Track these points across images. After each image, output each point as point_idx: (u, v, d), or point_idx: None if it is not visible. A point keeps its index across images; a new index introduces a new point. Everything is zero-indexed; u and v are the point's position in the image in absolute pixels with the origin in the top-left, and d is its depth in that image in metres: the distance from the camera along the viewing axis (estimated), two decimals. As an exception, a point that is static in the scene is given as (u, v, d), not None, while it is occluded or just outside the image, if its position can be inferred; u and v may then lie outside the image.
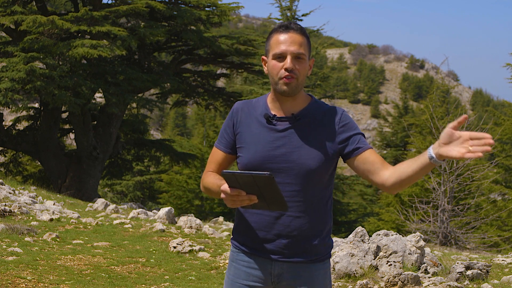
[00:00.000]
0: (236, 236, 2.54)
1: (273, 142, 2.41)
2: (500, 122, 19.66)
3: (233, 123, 2.51)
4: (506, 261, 7.83)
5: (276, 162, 2.39)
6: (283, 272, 2.44)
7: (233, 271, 2.52)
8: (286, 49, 2.37)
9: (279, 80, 2.39)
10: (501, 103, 55.66)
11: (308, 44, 2.44)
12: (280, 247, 2.41)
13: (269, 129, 2.43)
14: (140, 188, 28.77)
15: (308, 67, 2.44)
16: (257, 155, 2.41)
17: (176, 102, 22.30)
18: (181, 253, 7.43)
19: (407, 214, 14.44)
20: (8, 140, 17.80)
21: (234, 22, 50.52)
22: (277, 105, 2.45)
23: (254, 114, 2.48)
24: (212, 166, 2.55)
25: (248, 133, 2.46)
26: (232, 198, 2.19)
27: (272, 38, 2.43)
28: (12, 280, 5.45)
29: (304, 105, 2.47)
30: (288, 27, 2.41)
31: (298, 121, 2.43)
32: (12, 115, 24.25)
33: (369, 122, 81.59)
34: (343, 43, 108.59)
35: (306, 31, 2.39)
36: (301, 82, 2.41)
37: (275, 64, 2.39)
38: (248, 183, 2.14)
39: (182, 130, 57.73)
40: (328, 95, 25.21)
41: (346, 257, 6.18)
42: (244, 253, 2.49)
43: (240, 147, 2.47)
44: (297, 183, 2.37)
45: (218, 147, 2.55)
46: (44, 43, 15.09)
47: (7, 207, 8.74)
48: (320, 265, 2.48)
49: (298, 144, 2.40)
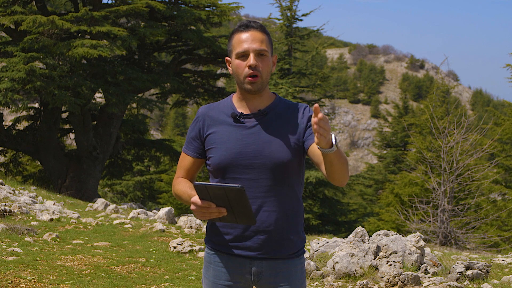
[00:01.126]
0: (211, 236, 2.55)
1: (243, 139, 2.44)
2: (500, 122, 19.66)
3: (199, 128, 2.54)
4: (506, 261, 7.83)
5: (248, 158, 2.42)
6: (262, 270, 2.46)
7: (212, 272, 2.54)
8: (248, 47, 2.42)
9: (244, 79, 2.43)
10: (501, 103, 55.66)
11: (269, 40, 2.49)
12: (259, 243, 2.43)
13: (237, 127, 2.46)
14: (140, 188, 28.75)
15: (271, 63, 2.48)
16: (228, 153, 2.44)
17: (176, 102, 22.29)
18: (181, 253, 7.43)
19: (407, 214, 14.44)
20: (8, 140, 17.79)
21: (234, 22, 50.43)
22: (244, 104, 2.50)
23: (220, 116, 2.51)
24: (182, 171, 2.58)
25: (217, 134, 2.49)
26: (202, 210, 2.24)
27: (234, 38, 2.47)
28: (12, 280, 5.45)
29: (269, 101, 2.51)
30: (248, 26, 2.46)
31: (265, 117, 2.47)
32: (12, 115, 24.24)
33: (369, 122, 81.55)
34: (343, 43, 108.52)
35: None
36: (266, 78, 2.46)
37: (239, 63, 2.44)
38: (218, 195, 2.19)
39: (182, 130, 57.69)
40: (328, 95, 25.17)
41: (346, 257, 6.18)
42: (221, 254, 2.51)
43: (210, 148, 2.50)
44: (271, 177, 2.41)
45: (186, 152, 2.58)
46: (44, 43, 15.09)
47: (7, 207, 8.74)
48: (297, 260, 2.52)
49: (268, 139, 2.43)
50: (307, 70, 21.97)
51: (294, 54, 22.42)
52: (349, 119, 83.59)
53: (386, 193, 20.76)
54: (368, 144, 75.35)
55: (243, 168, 2.42)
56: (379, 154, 31.71)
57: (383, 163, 30.00)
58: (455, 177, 13.45)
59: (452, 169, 13.39)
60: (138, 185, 28.49)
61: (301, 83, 22.88)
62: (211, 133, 2.50)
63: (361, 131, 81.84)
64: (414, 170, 18.20)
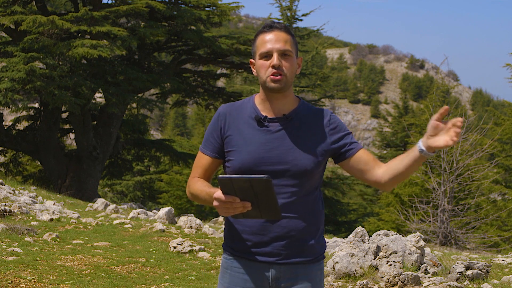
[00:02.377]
0: (229, 242, 2.49)
1: (266, 144, 2.39)
2: (500, 122, 19.67)
3: (220, 127, 2.47)
4: (506, 261, 7.83)
5: (271, 164, 2.37)
6: (280, 276, 2.42)
7: (228, 278, 2.48)
8: (272, 47, 2.38)
9: (267, 78, 2.39)
10: (501, 103, 55.66)
11: (294, 41, 2.45)
12: (278, 249, 2.39)
13: (261, 131, 2.41)
14: (140, 188, 28.76)
15: (296, 65, 2.44)
16: (251, 157, 2.38)
17: (176, 102, 22.29)
18: (181, 253, 7.43)
19: (407, 214, 14.44)
20: (8, 140, 17.80)
21: (234, 22, 50.44)
22: (267, 106, 2.44)
23: (242, 117, 2.45)
24: (198, 171, 2.51)
25: (239, 136, 2.42)
26: (226, 205, 2.16)
27: (258, 39, 2.44)
28: (12, 280, 5.45)
29: (294, 105, 2.46)
30: (272, 26, 2.43)
31: (290, 122, 2.42)
32: (12, 115, 24.23)
33: (369, 122, 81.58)
34: (343, 43, 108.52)
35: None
36: (290, 79, 2.41)
37: (262, 63, 2.40)
38: (244, 188, 2.11)
39: (182, 130, 57.74)
40: (328, 95, 25.19)
41: (346, 257, 6.18)
42: (239, 259, 2.46)
43: (230, 150, 2.43)
44: (293, 184, 2.37)
45: (204, 152, 2.50)
46: (44, 43, 15.08)
47: (7, 207, 8.74)
48: (316, 265, 2.48)
49: (292, 145, 2.39)
50: (307, 70, 21.97)
51: (294, 54, 22.41)
52: (349, 119, 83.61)
53: (386, 193, 20.77)
54: (368, 144, 75.36)
55: (264, 173, 2.35)
56: (379, 154, 31.69)
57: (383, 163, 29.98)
58: (455, 177, 13.46)
59: (452, 169, 13.39)
60: (138, 185, 28.50)
61: (301, 83, 22.88)
62: (232, 134, 2.44)
63: (361, 131, 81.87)
64: (414, 170, 18.18)
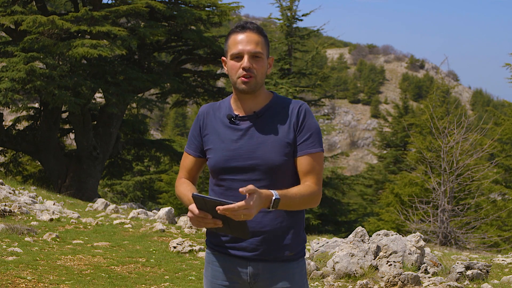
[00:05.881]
0: (210, 237, 2.56)
1: (236, 141, 2.45)
2: (500, 122, 19.66)
3: (199, 126, 2.55)
4: (506, 261, 7.83)
5: (241, 160, 2.42)
6: (258, 272, 2.45)
7: (210, 272, 2.55)
8: (243, 49, 2.42)
9: (237, 79, 2.44)
10: (501, 103, 55.65)
11: (266, 42, 2.48)
12: (255, 244, 2.43)
13: (232, 129, 2.47)
14: (140, 188, 28.75)
15: (266, 65, 2.48)
16: (222, 154, 2.45)
17: (176, 102, 22.29)
18: (181, 253, 7.43)
19: (407, 214, 14.43)
20: (8, 140, 17.80)
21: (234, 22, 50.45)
22: (239, 105, 2.50)
23: (218, 116, 2.52)
24: (184, 172, 2.60)
25: (215, 135, 2.50)
26: (198, 219, 2.26)
27: (230, 38, 2.48)
28: (12, 280, 5.45)
29: (265, 102, 2.51)
30: (245, 27, 2.46)
31: (260, 118, 2.47)
32: (12, 115, 24.24)
33: (369, 122, 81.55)
34: (343, 43, 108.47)
35: (264, 30, 2.47)
36: (260, 80, 2.45)
37: (233, 64, 2.45)
38: (215, 208, 2.21)
39: (182, 130, 57.69)
40: (328, 95, 25.19)
41: (346, 257, 6.18)
42: (218, 254, 2.52)
43: (207, 149, 2.51)
44: (264, 178, 2.41)
45: (188, 152, 2.59)
46: (44, 43, 15.09)
47: (7, 207, 8.74)
48: (295, 263, 2.49)
49: (261, 140, 2.43)
50: (307, 70, 21.96)
51: (294, 54, 22.41)
52: (349, 119, 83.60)
53: (386, 193, 20.76)
54: (368, 144, 75.35)
55: (238, 170, 2.42)
56: (379, 154, 31.71)
57: (383, 163, 30.00)
58: (455, 177, 13.45)
59: (452, 169, 13.39)
60: (138, 185, 28.49)
61: (301, 83, 22.88)
62: (209, 133, 2.52)
63: (361, 131, 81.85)
64: (414, 170, 18.20)
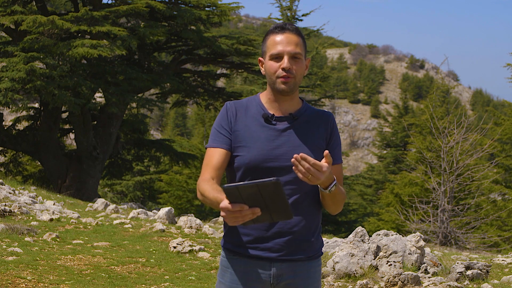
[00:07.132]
0: (229, 239, 2.47)
1: (273, 141, 2.42)
2: (500, 122, 19.67)
3: (229, 120, 2.46)
4: (506, 261, 7.83)
5: (278, 160, 2.40)
6: (282, 273, 2.43)
7: (229, 277, 2.47)
8: (283, 49, 2.42)
9: (277, 79, 2.42)
10: (501, 103, 55.66)
11: (303, 44, 2.50)
12: (280, 245, 2.41)
13: (268, 129, 2.44)
14: (140, 188, 28.75)
15: (304, 67, 2.49)
16: (259, 153, 2.40)
17: (176, 102, 22.29)
18: (181, 253, 7.43)
19: (407, 214, 14.44)
20: (8, 140, 17.79)
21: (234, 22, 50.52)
22: (275, 105, 2.48)
23: (249, 114, 2.48)
24: (210, 170, 2.41)
25: (247, 132, 2.44)
26: (234, 214, 2.07)
27: (269, 39, 2.47)
28: (12, 280, 5.45)
29: (299, 106, 2.52)
30: (284, 28, 2.46)
31: (296, 121, 2.47)
32: (12, 115, 24.25)
33: (369, 122, 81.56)
34: (343, 43, 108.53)
35: (302, 31, 2.46)
36: (298, 81, 2.47)
37: (272, 65, 2.43)
38: (251, 194, 2.03)
39: (182, 130, 57.71)
40: (328, 95, 25.20)
41: (346, 257, 6.17)
42: (240, 257, 2.45)
43: (238, 146, 2.43)
44: (297, 181, 2.37)
45: (215, 146, 2.45)
46: (44, 43, 15.08)
47: (7, 207, 8.74)
48: (315, 262, 2.52)
49: (298, 143, 2.43)
50: (307, 70, 21.94)
51: (294, 54, 22.40)
52: (349, 119, 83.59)
53: (386, 193, 20.77)
54: (368, 144, 75.35)
55: (271, 170, 2.38)
56: (379, 154, 31.72)
57: (383, 163, 30.02)
58: (455, 177, 13.45)
59: (452, 169, 13.39)
60: (138, 185, 28.50)
61: (301, 83, 22.87)
62: (239, 130, 2.44)
63: (361, 131, 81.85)
64: (414, 170, 18.21)
